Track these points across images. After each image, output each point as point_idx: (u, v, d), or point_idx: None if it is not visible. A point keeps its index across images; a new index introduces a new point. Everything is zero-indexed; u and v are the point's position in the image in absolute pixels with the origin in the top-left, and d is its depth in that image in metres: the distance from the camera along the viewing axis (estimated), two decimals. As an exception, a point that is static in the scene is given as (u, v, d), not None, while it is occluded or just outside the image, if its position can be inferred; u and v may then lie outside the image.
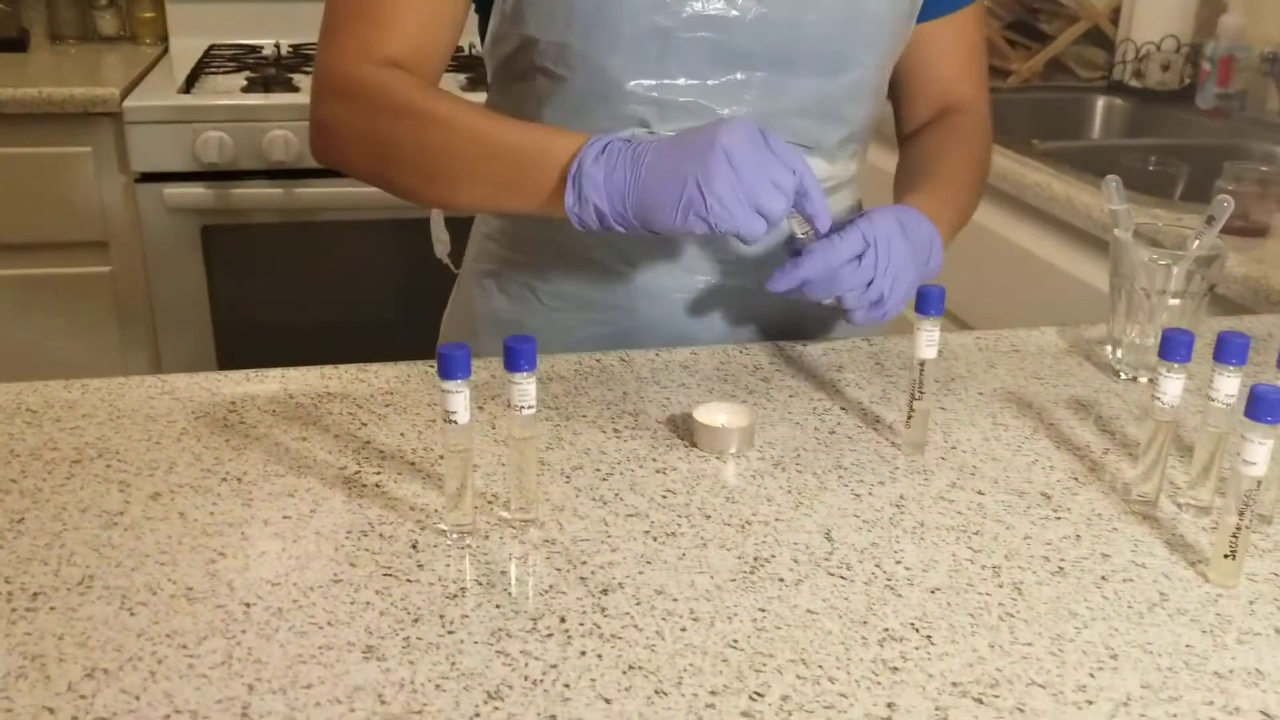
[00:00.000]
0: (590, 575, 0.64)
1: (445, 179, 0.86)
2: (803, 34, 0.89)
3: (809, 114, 0.93)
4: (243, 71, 2.10)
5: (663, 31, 0.87)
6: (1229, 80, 2.03)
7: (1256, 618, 0.62)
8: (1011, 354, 0.96)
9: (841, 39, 0.91)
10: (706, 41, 0.88)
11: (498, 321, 1.03)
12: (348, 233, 2.06)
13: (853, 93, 0.94)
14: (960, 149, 1.00)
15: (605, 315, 0.99)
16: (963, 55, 1.04)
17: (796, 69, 0.91)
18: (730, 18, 0.87)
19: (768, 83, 0.91)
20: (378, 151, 0.88)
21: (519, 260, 1.01)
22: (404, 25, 0.88)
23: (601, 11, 0.86)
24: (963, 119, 1.03)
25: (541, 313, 1.01)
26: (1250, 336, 0.68)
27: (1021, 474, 0.77)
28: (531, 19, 0.89)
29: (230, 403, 0.83)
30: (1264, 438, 0.61)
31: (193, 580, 0.63)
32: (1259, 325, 1.05)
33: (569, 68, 0.89)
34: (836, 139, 0.96)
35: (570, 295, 0.99)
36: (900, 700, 0.55)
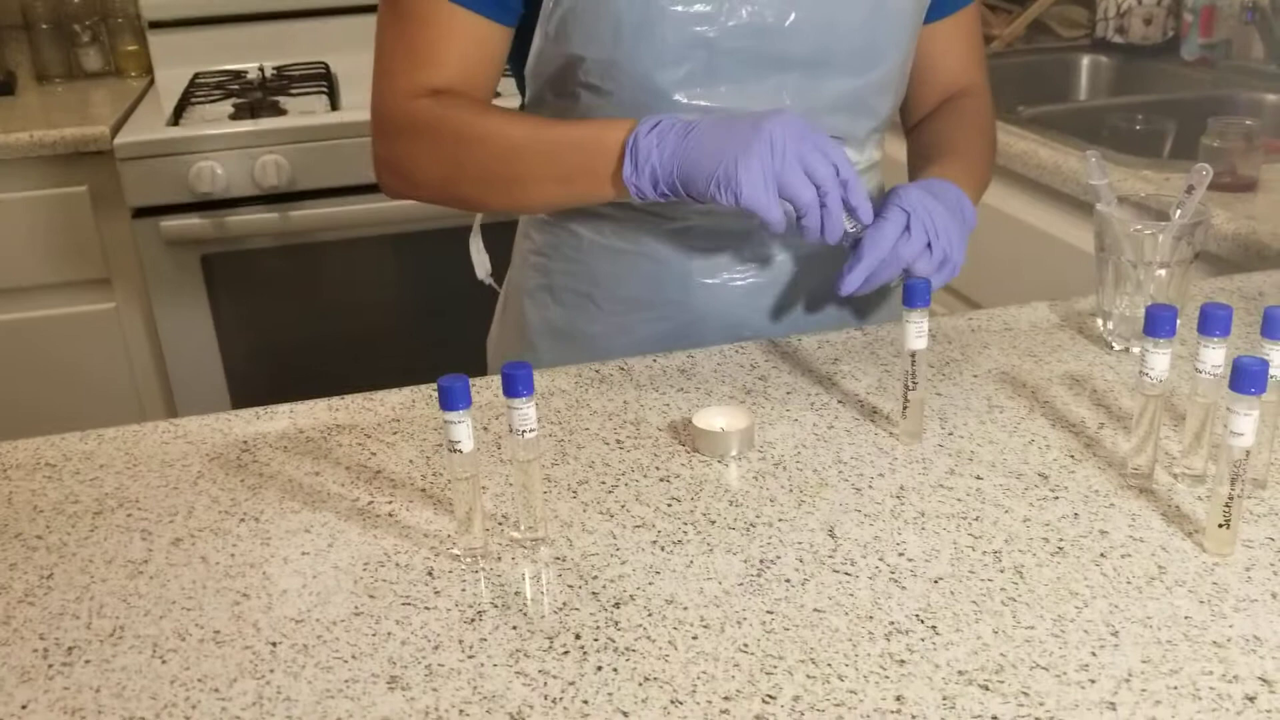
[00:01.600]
0: (602, 590, 0.66)
1: (516, 185, 0.93)
2: (835, 36, 0.93)
3: (841, 110, 0.97)
4: (229, 99, 2.11)
5: (706, 43, 0.91)
6: (1212, 30, 2.04)
7: (1253, 584, 0.64)
8: (1004, 333, 0.97)
9: (870, 37, 0.95)
10: (747, 49, 0.92)
11: (554, 331, 1.07)
12: (346, 252, 2.08)
13: (880, 87, 0.98)
14: (969, 126, 1.05)
15: (663, 312, 1.02)
16: (965, 48, 1.08)
17: (830, 69, 0.95)
18: (769, 25, 0.91)
19: (803, 84, 0.94)
20: (447, 175, 0.95)
21: (573, 270, 1.05)
22: (450, 59, 0.94)
23: (647, 27, 0.90)
24: (968, 100, 1.07)
25: (600, 318, 1.04)
26: (1232, 307, 0.69)
27: (1018, 455, 0.78)
28: (576, 37, 0.92)
29: (242, 442, 0.85)
30: (1249, 409, 0.62)
31: (219, 623, 0.65)
32: (1249, 284, 1.06)
33: (615, 83, 0.93)
34: (866, 130, 1.01)
35: (627, 297, 1.03)
36: (908, 693, 0.57)
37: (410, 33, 0.93)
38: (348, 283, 2.11)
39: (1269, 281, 1.06)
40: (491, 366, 1.17)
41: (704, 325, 1.02)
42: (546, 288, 1.07)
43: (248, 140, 1.97)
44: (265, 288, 2.08)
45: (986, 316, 1.01)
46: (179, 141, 1.95)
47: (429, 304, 2.13)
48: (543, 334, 1.07)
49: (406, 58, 0.94)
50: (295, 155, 1.98)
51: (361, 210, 2.03)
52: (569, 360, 1.04)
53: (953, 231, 0.88)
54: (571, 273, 1.05)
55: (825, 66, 0.94)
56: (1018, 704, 0.56)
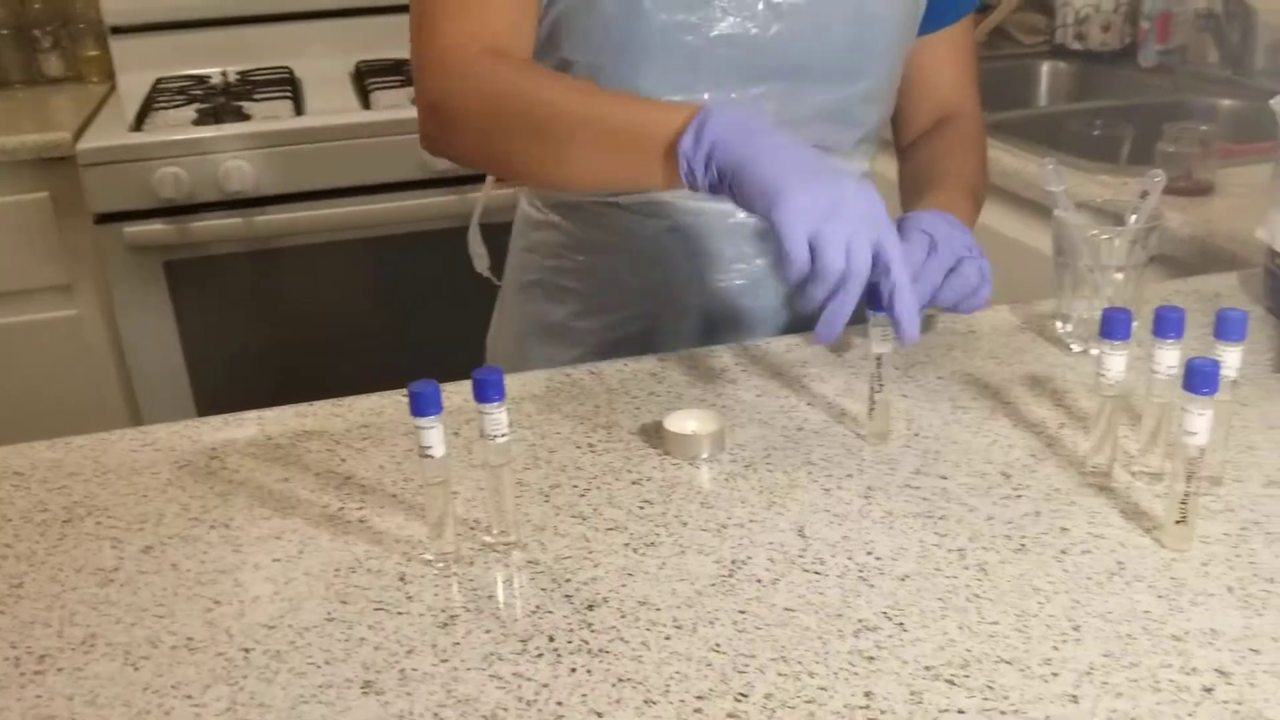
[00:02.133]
0: (575, 592, 0.67)
1: (562, 148, 0.85)
2: (819, 47, 0.94)
3: (825, 119, 0.98)
4: (192, 104, 2.10)
5: (691, 50, 0.91)
6: (1168, 37, 2.07)
7: (1210, 579, 0.66)
8: (968, 335, 0.99)
9: (854, 50, 0.95)
10: (731, 58, 0.93)
11: (542, 327, 1.08)
12: (312, 257, 2.07)
13: (865, 98, 0.99)
14: (963, 152, 1.04)
15: (651, 310, 1.04)
16: (958, 65, 1.08)
17: (813, 79, 0.95)
18: (753, 35, 0.92)
19: (787, 93, 0.95)
20: (493, 130, 0.87)
21: (563, 266, 1.06)
22: (496, 12, 0.89)
23: (634, 33, 0.91)
24: (961, 124, 1.07)
25: (586, 314, 1.06)
26: (1185, 310, 0.71)
27: (982, 455, 0.80)
28: (567, 41, 0.93)
29: (211, 449, 0.85)
30: (1202, 408, 0.64)
31: (192, 630, 0.65)
32: (1205, 286, 1.08)
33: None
34: (852, 140, 1.01)
35: (614, 295, 1.04)
36: (877, 688, 0.58)
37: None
38: (314, 288, 2.10)
39: (1224, 283, 1.08)
40: (492, 361, 1.17)
41: (694, 323, 1.03)
42: (538, 284, 1.08)
43: (211, 145, 1.96)
44: (230, 294, 2.07)
45: (950, 319, 1.02)
46: (142, 147, 1.94)
47: (397, 308, 2.13)
48: (533, 330, 1.09)
49: (450, 8, 0.89)
50: (260, 160, 1.97)
51: (327, 215, 2.03)
52: (559, 356, 1.05)
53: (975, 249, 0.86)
54: (562, 269, 1.06)
55: (809, 76, 0.95)
56: (983, 698, 0.57)
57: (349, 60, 2.37)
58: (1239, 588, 0.65)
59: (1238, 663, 0.59)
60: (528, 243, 1.09)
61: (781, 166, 0.75)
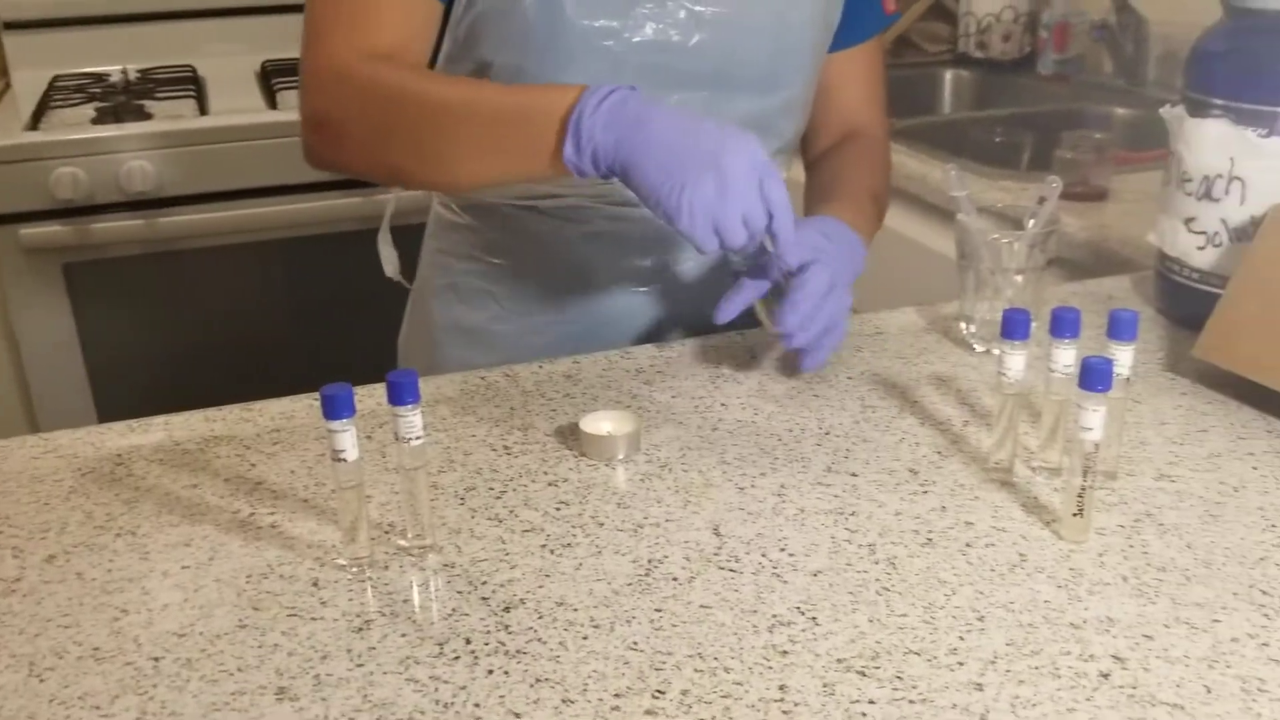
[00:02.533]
0: (492, 594, 0.67)
1: (446, 152, 0.85)
2: (739, 57, 0.95)
3: (747, 129, 0.97)
4: (91, 102, 2.04)
5: (613, 55, 0.92)
6: (1066, 47, 2.14)
7: (1106, 569, 0.68)
8: (876, 336, 1.01)
9: (773, 61, 0.97)
10: (652, 64, 0.93)
11: (459, 330, 1.07)
12: (216, 259, 2.03)
13: (785, 109, 1.00)
14: (867, 168, 1.06)
15: (569, 315, 1.04)
16: (866, 84, 1.10)
17: (736, 89, 0.96)
18: (675, 42, 0.93)
19: (708, 101, 0.96)
20: (375, 137, 0.88)
21: (478, 269, 1.05)
22: (384, 23, 0.89)
23: (554, 36, 0.90)
24: (865, 142, 1.09)
25: (504, 318, 1.05)
26: (1081, 310, 0.74)
27: (890, 452, 0.82)
28: (486, 42, 0.93)
29: (116, 456, 0.83)
30: (1097, 405, 0.66)
31: (98, 640, 0.64)
32: (1100, 288, 1.12)
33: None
34: (771, 150, 1.01)
35: (532, 299, 1.04)
36: (791, 681, 0.59)
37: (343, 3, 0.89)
38: (220, 291, 2.06)
39: (1117, 286, 1.12)
40: (404, 366, 1.16)
41: (610, 329, 1.03)
42: (452, 287, 1.07)
43: (111, 145, 1.91)
44: (133, 297, 2.02)
45: (859, 321, 1.05)
46: (38, 146, 1.88)
47: (308, 311, 2.10)
48: (450, 333, 1.08)
49: (341, 19, 0.89)
50: (162, 160, 1.93)
51: (232, 217, 1.99)
52: (476, 359, 1.04)
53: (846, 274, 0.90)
54: (477, 272, 1.06)
55: (731, 86, 0.96)
56: (892, 688, 0.59)
57: (254, 59, 2.33)
58: (1133, 577, 0.67)
59: (1132, 649, 0.61)
60: (441, 245, 1.09)
61: (664, 167, 0.79)
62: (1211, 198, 0.95)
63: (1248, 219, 0.93)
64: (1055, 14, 2.12)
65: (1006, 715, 0.57)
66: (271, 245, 2.04)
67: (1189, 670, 0.60)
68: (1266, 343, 0.85)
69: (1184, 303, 1.00)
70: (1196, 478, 0.78)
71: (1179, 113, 0.98)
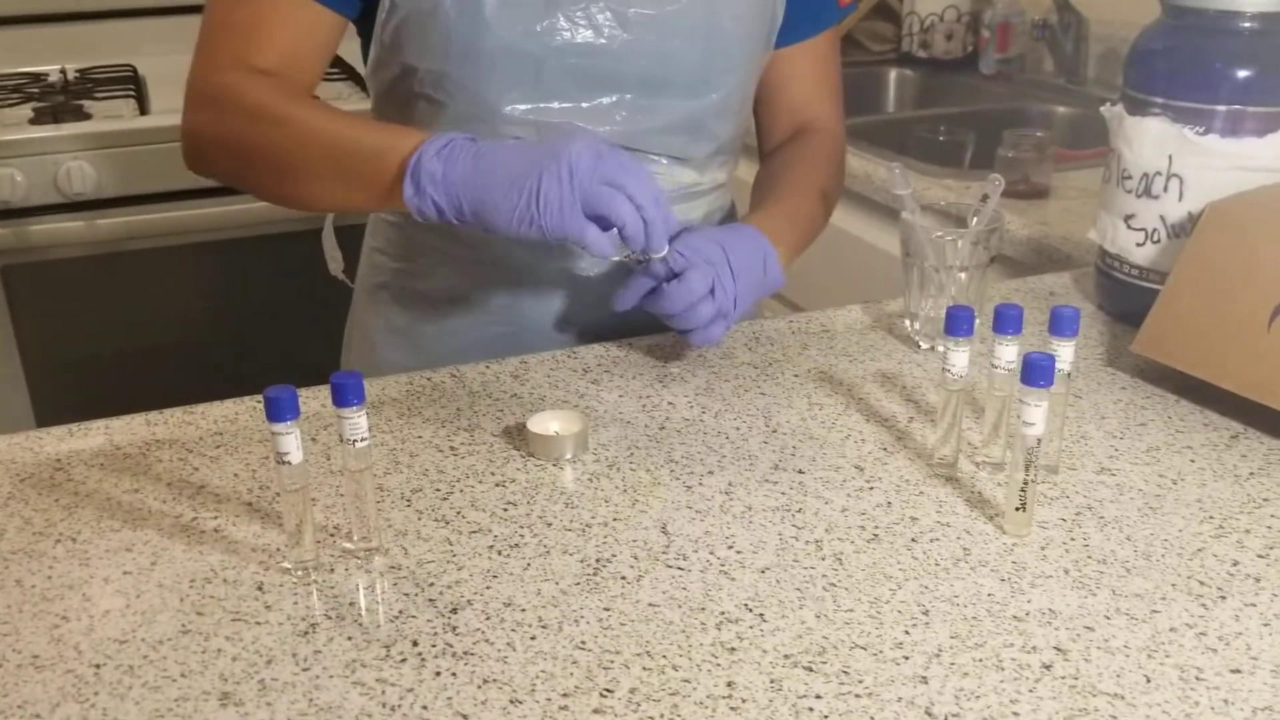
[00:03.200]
0: (439, 596, 0.66)
1: (295, 176, 0.88)
2: (667, 59, 0.94)
3: (678, 131, 0.98)
4: (29, 102, 2.00)
5: (535, 59, 0.91)
6: (1007, 46, 2.17)
7: (1048, 562, 0.69)
8: (822, 334, 1.02)
9: (704, 62, 0.96)
10: (577, 67, 0.92)
11: (393, 331, 1.07)
12: (158, 260, 2.00)
13: (718, 110, 0.99)
14: (808, 166, 1.05)
15: (497, 316, 1.03)
16: (818, 78, 1.09)
17: (664, 91, 0.96)
18: (599, 45, 0.92)
19: (637, 104, 0.95)
20: (236, 154, 0.91)
21: (410, 269, 1.05)
22: (274, 38, 0.90)
23: (475, 41, 0.90)
24: (815, 138, 1.08)
25: (435, 319, 1.04)
26: (1023, 307, 0.75)
27: (836, 449, 0.82)
28: (409, 48, 0.92)
29: (55, 461, 0.82)
30: (1038, 400, 0.67)
31: (38, 648, 0.63)
32: (1041, 285, 1.14)
33: (447, 94, 0.93)
34: (705, 152, 1.02)
35: (462, 299, 1.03)
36: (738, 678, 0.60)
37: (240, 7, 0.91)
38: (162, 293, 2.03)
39: (1059, 282, 1.14)
40: (345, 365, 1.15)
41: (539, 330, 1.03)
42: (385, 286, 1.07)
43: (50, 146, 1.87)
44: (72, 299, 1.98)
45: (806, 319, 1.05)
46: (-27, 147, 1.84)
47: (251, 313, 2.07)
48: (383, 333, 1.07)
49: (230, 32, 0.91)
50: (102, 161, 1.89)
51: (174, 218, 1.96)
52: (408, 360, 1.04)
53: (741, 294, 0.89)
54: (408, 272, 1.05)
55: (660, 88, 0.96)
56: (839, 683, 0.59)
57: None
58: (1074, 569, 0.68)
59: (1074, 640, 0.62)
60: (376, 243, 1.08)
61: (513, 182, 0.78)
62: (1150, 195, 0.97)
63: (1186, 216, 0.95)
64: (997, 14, 2.15)
65: (951, 707, 0.57)
66: (214, 246, 2.01)
67: (1129, 660, 0.61)
68: (1203, 338, 0.86)
69: (1124, 299, 1.02)
70: (1136, 471, 0.79)
71: (1119, 111, 1.00)
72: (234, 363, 2.06)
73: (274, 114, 0.88)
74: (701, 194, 1.04)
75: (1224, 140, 0.93)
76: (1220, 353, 0.85)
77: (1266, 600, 0.66)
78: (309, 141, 0.86)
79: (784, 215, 0.99)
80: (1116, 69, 1.97)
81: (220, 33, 0.91)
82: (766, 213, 0.98)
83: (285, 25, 0.90)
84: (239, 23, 0.90)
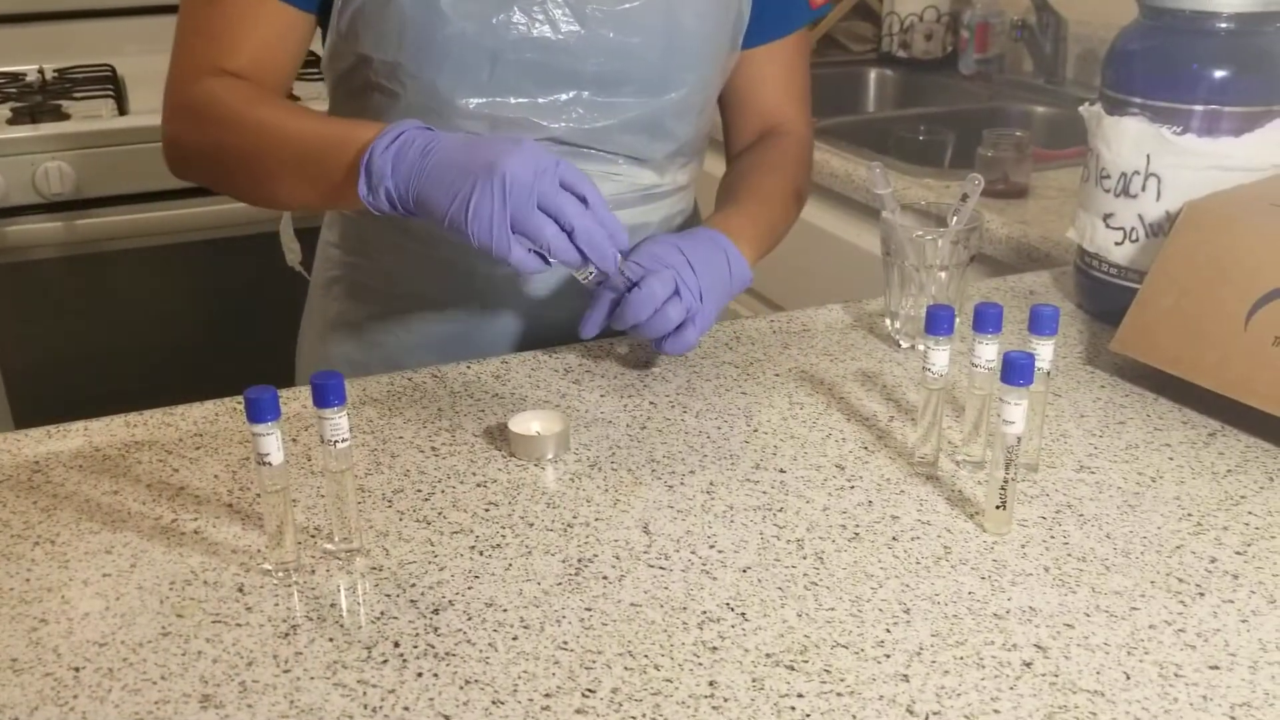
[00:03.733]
0: (420, 597, 0.66)
1: (267, 178, 0.89)
2: (626, 55, 0.94)
3: (636, 130, 0.97)
4: (7, 102, 1.99)
5: (490, 53, 0.90)
6: (986, 46, 2.18)
7: (1028, 560, 0.70)
8: (803, 333, 1.02)
9: (663, 60, 0.95)
10: (533, 62, 0.92)
11: (347, 325, 1.06)
12: (136, 261, 1.99)
13: (677, 110, 0.98)
14: (772, 168, 1.05)
15: (451, 314, 1.02)
16: (785, 79, 1.09)
17: (621, 88, 0.95)
18: (555, 40, 0.91)
19: (594, 101, 0.95)
20: (214, 160, 0.92)
21: (364, 264, 1.04)
22: (246, 40, 0.91)
23: (429, 33, 0.89)
24: (782, 140, 1.08)
25: (386, 314, 1.04)
26: (1002, 306, 0.75)
27: (817, 448, 0.83)
28: (365, 38, 0.92)
29: (34, 463, 0.81)
30: (1018, 399, 0.68)
31: (16, 651, 0.62)
32: (1021, 284, 1.14)
33: (401, 85, 0.93)
34: (664, 153, 1.01)
35: (417, 295, 1.03)
36: (720, 677, 0.60)
37: (209, 14, 0.91)
38: (140, 294, 2.02)
39: (1038, 281, 1.15)
40: (299, 361, 1.15)
41: (493, 328, 1.02)
42: (338, 280, 1.07)
43: (28, 146, 1.86)
44: (50, 301, 1.97)
45: (786, 318, 1.06)
46: (-51, 147, 1.83)
47: (230, 313, 2.07)
48: (336, 328, 1.07)
49: (202, 37, 0.92)
50: (80, 161, 1.88)
51: (153, 218, 1.95)
52: (359, 354, 1.04)
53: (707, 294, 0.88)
54: (361, 266, 1.05)
55: (617, 86, 0.95)
56: (821, 681, 0.59)
57: (175, 57, 2.29)
58: (1054, 567, 0.69)
59: (1054, 637, 0.63)
60: (332, 237, 1.08)
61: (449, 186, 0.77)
62: (1129, 194, 0.97)
63: (1163, 215, 0.96)
64: (976, 14, 2.16)
65: (932, 705, 0.58)
66: (193, 246, 2.00)
67: (1109, 657, 0.61)
68: (1181, 336, 0.87)
69: (1102, 297, 1.02)
70: (1115, 469, 0.80)
71: (1097, 111, 1.00)
72: (214, 363, 2.05)
73: (244, 118, 0.88)
74: (661, 196, 1.04)
75: (1201, 140, 0.93)
76: (1198, 351, 0.86)
77: (1244, 597, 0.66)
78: (276, 142, 0.87)
79: (745, 215, 0.98)
80: (1095, 69, 1.98)
81: (194, 39, 0.92)
82: (725, 214, 0.98)
83: (254, 27, 0.91)
84: (211, 28, 0.91)
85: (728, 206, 1.00)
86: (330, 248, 1.08)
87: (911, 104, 2.28)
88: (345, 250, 1.06)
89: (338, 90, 1.00)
